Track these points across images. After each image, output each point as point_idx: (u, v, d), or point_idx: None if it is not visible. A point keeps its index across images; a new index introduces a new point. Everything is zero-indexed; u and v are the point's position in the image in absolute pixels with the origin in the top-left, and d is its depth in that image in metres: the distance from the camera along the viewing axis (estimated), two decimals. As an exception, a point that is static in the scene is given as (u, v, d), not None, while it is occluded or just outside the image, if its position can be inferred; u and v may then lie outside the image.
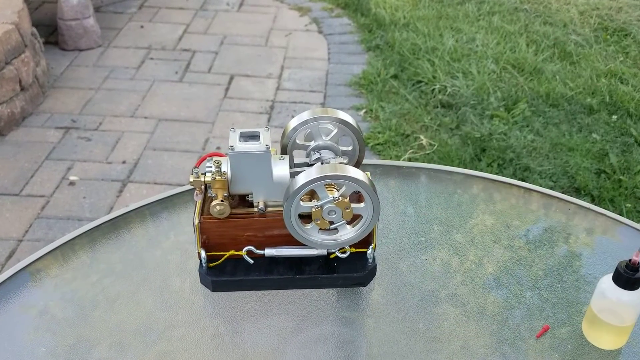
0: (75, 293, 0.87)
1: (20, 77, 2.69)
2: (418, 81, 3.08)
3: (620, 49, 3.41)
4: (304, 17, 3.82)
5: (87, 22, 3.28)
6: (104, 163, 2.53)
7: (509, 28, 3.54)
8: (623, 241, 0.97)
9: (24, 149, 2.58)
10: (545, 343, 0.80)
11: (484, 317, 0.83)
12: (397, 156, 2.60)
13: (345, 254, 0.83)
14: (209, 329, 0.81)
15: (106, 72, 3.15)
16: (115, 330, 0.81)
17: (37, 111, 2.82)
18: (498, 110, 2.86)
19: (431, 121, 2.81)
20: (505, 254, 0.93)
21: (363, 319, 0.84)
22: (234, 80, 3.14)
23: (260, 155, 0.76)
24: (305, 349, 0.79)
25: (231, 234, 0.81)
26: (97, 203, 2.32)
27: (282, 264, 0.83)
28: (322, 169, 0.73)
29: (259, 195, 0.80)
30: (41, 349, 0.79)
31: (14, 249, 2.12)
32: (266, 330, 0.81)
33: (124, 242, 0.95)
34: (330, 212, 0.75)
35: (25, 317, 0.84)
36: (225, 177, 0.77)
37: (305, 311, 0.83)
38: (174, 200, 1.03)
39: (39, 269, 0.91)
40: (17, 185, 2.39)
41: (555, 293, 0.87)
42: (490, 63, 3.20)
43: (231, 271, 0.83)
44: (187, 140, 2.68)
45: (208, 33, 3.58)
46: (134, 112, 2.86)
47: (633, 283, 0.75)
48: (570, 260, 0.93)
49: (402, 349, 0.79)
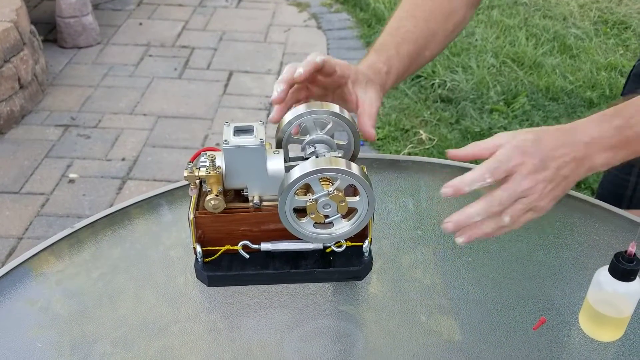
0: (77, 289, 0.87)
1: (19, 75, 2.69)
2: (417, 76, 3.07)
3: (620, 41, 3.40)
4: (303, 12, 3.81)
5: (86, 20, 3.28)
6: (104, 160, 2.53)
7: (508, 22, 3.53)
8: (620, 233, 0.97)
9: (23, 147, 2.59)
10: (542, 335, 0.80)
11: (480, 309, 0.83)
12: (397, 151, 2.60)
13: (341, 248, 0.83)
14: (206, 324, 0.81)
15: (105, 69, 3.15)
16: (118, 326, 0.81)
17: (37, 109, 2.83)
18: (498, 104, 2.86)
19: (431, 116, 2.81)
20: (502, 246, 0.93)
21: (360, 313, 0.84)
22: (233, 76, 3.14)
23: (254, 149, 0.76)
24: (303, 342, 0.79)
25: (226, 228, 0.81)
26: (97, 200, 2.33)
27: (278, 258, 0.83)
28: (317, 162, 0.73)
29: (254, 189, 0.79)
30: (37, 344, 0.79)
31: (14, 247, 2.13)
32: (263, 324, 0.81)
33: (126, 238, 0.95)
34: (325, 206, 0.75)
35: (28, 313, 0.84)
36: (219, 171, 0.77)
37: (303, 305, 0.83)
38: (174, 194, 1.03)
39: (41, 264, 0.91)
40: (17, 183, 2.39)
41: (552, 285, 0.87)
42: (490, 57, 3.20)
43: (227, 266, 0.83)
44: (187, 137, 2.68)
45: (207, 29, 3.57)
46: (133, 109, 2.86)
47: (629, 274, 0.74)
48: (567, 252, 0.92)
49: (400, 342, 0.79)
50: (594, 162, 0.75)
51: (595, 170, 0.76)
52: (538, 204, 0.73)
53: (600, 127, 0.75)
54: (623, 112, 0.76)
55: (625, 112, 0.75)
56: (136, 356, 0.77)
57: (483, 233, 0.74)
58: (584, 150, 0.74)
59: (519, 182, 0.71)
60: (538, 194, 0.72)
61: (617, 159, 0.76)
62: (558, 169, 0.73)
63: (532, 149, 0.72)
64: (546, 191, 0.73)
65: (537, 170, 0.72)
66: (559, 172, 0.73)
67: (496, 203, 0.71)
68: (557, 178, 0.73)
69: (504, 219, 0.72)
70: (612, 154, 0.75)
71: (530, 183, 0.71)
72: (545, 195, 0.73)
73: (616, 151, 0.75)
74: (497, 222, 0.73)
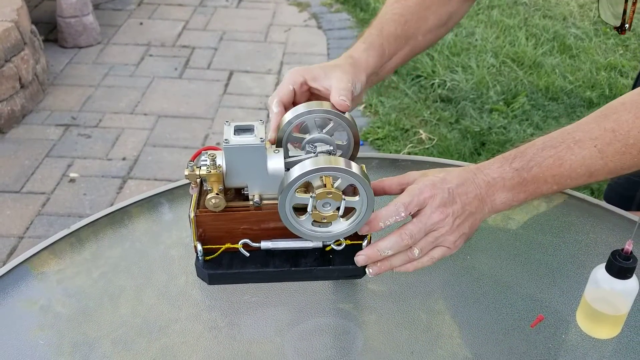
0: (78, 288, 0.88)
1: (20, 74, 2.70)
2: (417, 76, 3.08)
3: (619, 42, 3.41)
4: (303, 12, 3.82)
5: (87, 20, 3.29)
6: (104, 160, 2.54)
7: (508, 22, 3.53)
8: (616, 231, 0.97)
9: (24, 147, 2.59)
10: (540, 333, 0.80)
11: (479, 307, 0.84)
12: (397, 151, 2.60)
13: (340, 246, 0.83)
14: (207, 322, 0.82)
15: (106, 69, 3.16)
16: (119, 325, 0.82)
17: (37, 109, 2.83)
18: (497, 104, 2.86)
19: (430, 115, 2.82)
20: (501, 244, 0.94)
21: (360, 311, 0.84)
22: (234, 76, 3.14)
23: (254, 148, 0.77)
24: (303, 340, 0.79)
25: (227, 227, 0.81)
26: (98, 200, 2.33)
27: (278, 256, 0.84)
28: (316, 161, 0.73)
29: (254, 188, 0.80)
30: (39, 342, 0.79)
31: (15, 246, 2.14)
32: (263, 322, 0.82)
33: (126, 237, 0.96)
34: (325, 205, 0.75)
35: (28, 312, 0.84)
36: (220, 170, 0.78)
37: (303, 303, 0.84)
38: (175, 193, 1.04)
39: (42, 264, 0.91)
40: (17, 183, 2.40)
41: (550, 283, 0.87)
42: (490, 57, 3.20)
43: (227, 264, 0.83)
44: (187, 137, 2.69)
45: (207, 29, 3.58)
46: (134, 108, 2.87)
47: (626, 272, 0.75)
48: (565, 250, 0.93)
49: (399, 340, 0.80)
50: (494, 201, 0.78)
51: (497, 210, 0.79)
52: (447, 238, 0.75)
53: (501, 169, 0.77)
54: (523, 154, 0.78)
55: (525, 156, 0.78)
56: (137, 355, 0.78)
57: (392, 266, 0.77)
58: (486, 189, 0.77)
59: (429, 215, 0.74)
60: (448, 227, 0.75)
61: (516, 200, 0.78)
62: (464, 204, 0.76)
63: (442, 184, 0.75)
64: (454, 226, 0.75)
65: (446, 204, 0.74)
66: (466, 208, 0.76)
67: (407, 237, 0.74)
68: (464, 213, 0.75)
69: (414, 252, 0.75)
70: (511, 195, 0.77)
71: (440, 216, 0.74)
72: (454, 229, 0.75)
73: (515, 193, 0.78)
74: (407, 255, 0.76)
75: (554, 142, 0.77)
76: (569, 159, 0.76)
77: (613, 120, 0.76)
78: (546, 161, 0.76)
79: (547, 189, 0.78)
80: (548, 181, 0.77)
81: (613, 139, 0.75)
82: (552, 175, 0.76)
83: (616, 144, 0.75)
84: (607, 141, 0.75)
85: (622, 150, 0.75)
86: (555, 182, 0.77)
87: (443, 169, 0.79)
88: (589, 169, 0.76)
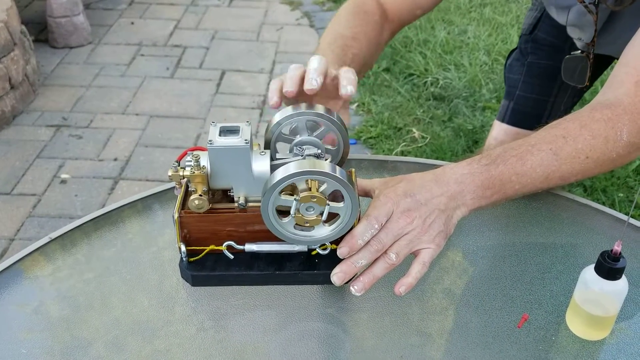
0: (69, 290, 0.86)
1: (10, 75, 2.68)
2: (410, 74, 3.07)
3: (612, 39, 3.40)
4: (295, 11, 3.81)
5: (77, 19, 3.27)
6: (96, 160, 2.53)
7: (500, 19, 3.53)
8: (606, 232, 0.97)
9: (14, 148, 2.58)
10: (529, 334, 0.80)
11: (468, 310, 0.83)
12: (390, 149, 2.60)
13: (326, 250, 0.82)
14: (194, 325, 0.81)
15: (97, 69, 3.14)
16: (111, 328, 0.81)
17: (28, 109, 2.82)
18: (490, 102, 2.86)
19: (423, 114, 2.81)
20: (490, 246, 0.93)
21: (347, 315, 0.83)
22: (226, 75, 3.13)
23: (239, 149, 0.76)
24: (290, 344, 0.79)
25: (211, 228, 0.81)
26: (89, 201, 2.32)
27: (263, 259, 0.83)
28: (301, 164, 0.72)
29: (240, 190, 0.79)
30: (22, 350, 0.78)
31: (5, 248, 2.12)
32: (251, 326, 0.81)
33: (118, 239, 0.95)
34: (309, 209, 0.75)
35: (19, 315, 0.83)
36: (204, 171, 0.77)
37: (290, 307, 0.83)
38: (167, 195, 1.03)
39: (32, 266, 0.90)
40: (8, 184, 2.38)
41: (540, 284, 0.87)
42: (482, 55, 3.20)
43: (212, 266, 0.82)
44: (179, 137, 2.68)
45: (199, 28, 3.57)
46: (125, 109, 2.85)
47: (615, 273, 0.74)
48: (554, 251, 0.92)
49: (387, 343, 0.79)
50: (465, 197, 0.80)
51: (467, 205, 0.81)
52: (422, 238, 0.77)
53: (470, 166, 0.81)
54: (489, 154, 0.83)
55: (491, 155, 0.82)
56: (130, 358, 0.77)
57: (375, 276, 0.77)
58: (455, 186, 0.80)
59: (395, 221, 0.76)
60: (419, 229, 0.77)
61: (484, 197, 0.81)
62: (430, 204, 0.78)
63: (403, 191, 0.78)
64: (426, 226, 0.77)
65: (410, 208, 0.77)
66: (433, 207, 0.78)
67: (375, 242, 0.76)
68: (434, 213, 0.78)
69: (390, 256, 0.76)
70: (480, 191, 0.80)
71: (407, 219, 0.76)
72: (427, 229, 0.77)
73: (483, 189, 0.80)
74: (385, 262, 0.77)
75: (514, 145, 0.84)
76: (529, 159, 0.82)
77: (562, 129, 0.84)
78: (510, 160, 0.81)
79: (511, 187, 0.82)
80: (512, 179, 0.81)
81: (564, 144, 0.83)
82: (515, 174, 0.81)
83: (567, 148, 0.83)
84: (560, 145, 0.83)
85: (573, 154, 0.83)
86: (518, 181, 0.82)
87: (404, 176, 0.82)
88: (546, 171, 0.82)
